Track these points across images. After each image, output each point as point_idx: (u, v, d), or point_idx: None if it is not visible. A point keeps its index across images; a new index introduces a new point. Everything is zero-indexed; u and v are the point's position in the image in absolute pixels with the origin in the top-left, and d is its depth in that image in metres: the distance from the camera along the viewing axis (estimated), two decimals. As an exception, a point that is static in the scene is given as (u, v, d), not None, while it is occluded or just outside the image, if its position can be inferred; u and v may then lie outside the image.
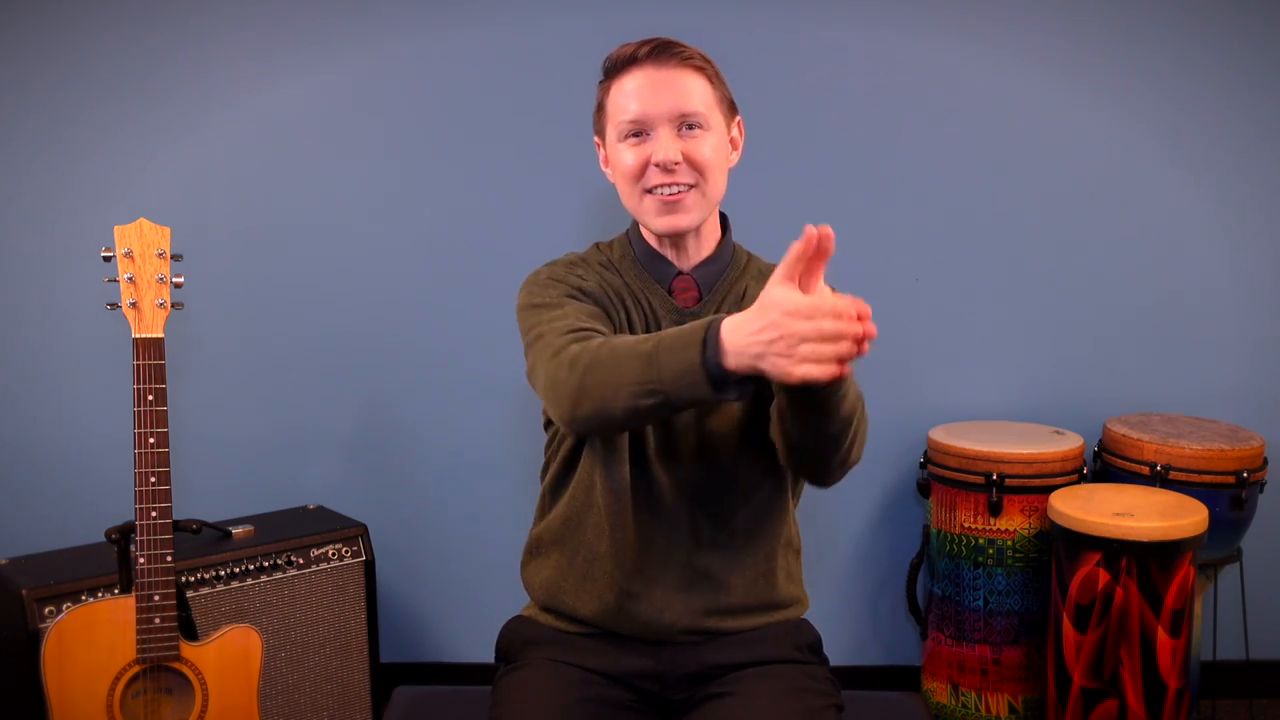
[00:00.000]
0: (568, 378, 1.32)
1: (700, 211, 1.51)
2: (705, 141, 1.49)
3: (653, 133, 1.48)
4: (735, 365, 1.19)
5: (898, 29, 2.59)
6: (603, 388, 1.28)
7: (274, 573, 2.29)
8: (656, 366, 1.24)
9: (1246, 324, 2.70)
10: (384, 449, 2.71)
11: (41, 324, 2.59)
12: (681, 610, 1.52)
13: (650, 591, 1.52)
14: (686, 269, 1.56)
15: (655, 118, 1.47)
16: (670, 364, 1.23)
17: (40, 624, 2.02)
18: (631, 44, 1.50)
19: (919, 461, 2.64)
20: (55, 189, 2.56)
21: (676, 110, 1.47)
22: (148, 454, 1.75)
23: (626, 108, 1.48)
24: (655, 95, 1.47)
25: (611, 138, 1.53)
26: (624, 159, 1.50)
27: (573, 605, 1.56)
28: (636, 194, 1.51)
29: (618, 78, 1.50)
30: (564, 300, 1.49)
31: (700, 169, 1.49)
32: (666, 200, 1.49)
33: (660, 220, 1.50)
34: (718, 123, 1.51)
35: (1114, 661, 2.24)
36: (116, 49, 2.54)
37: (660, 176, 1.48)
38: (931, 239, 2.67)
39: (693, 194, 1.49)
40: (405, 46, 2.58)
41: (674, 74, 1.48)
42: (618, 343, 1.31)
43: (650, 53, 1.48)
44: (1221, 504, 2.38)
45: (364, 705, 2.42)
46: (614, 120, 1.51)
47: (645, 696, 1.54)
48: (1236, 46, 2.61)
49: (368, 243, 2.63)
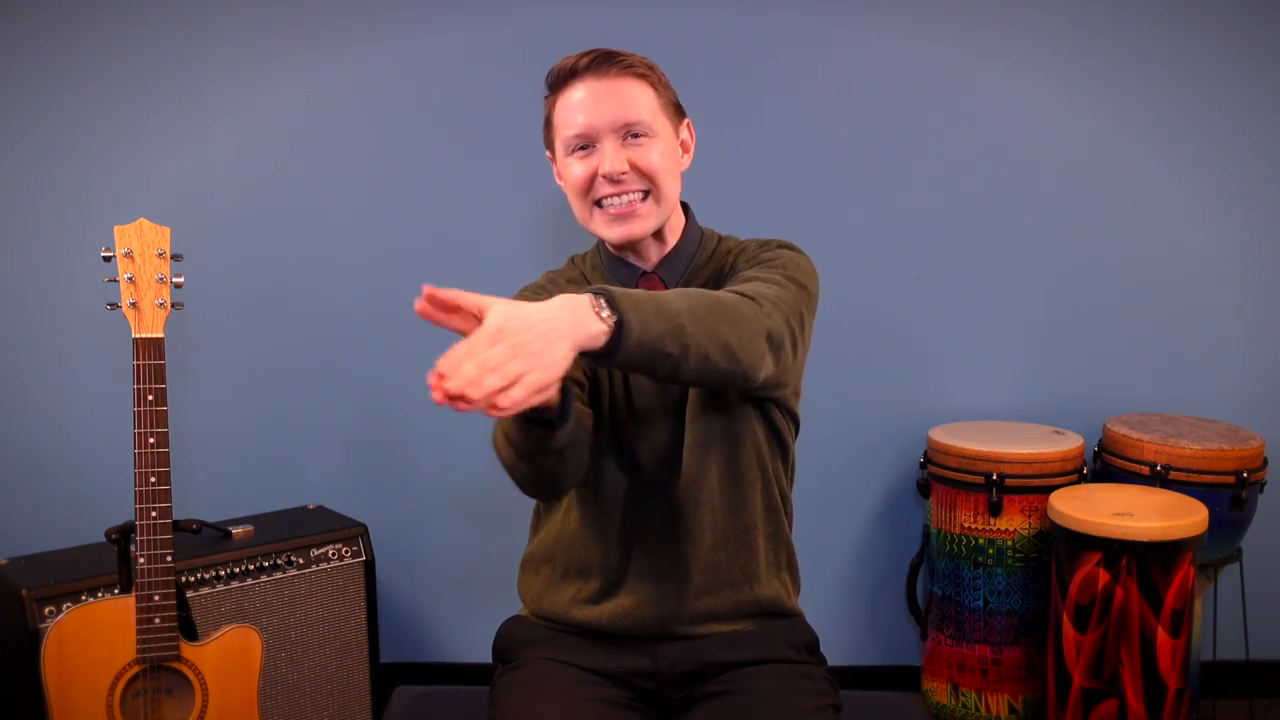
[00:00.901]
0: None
1: (655, 218, 1.51)
2: (652, 149, 1.48)
3: (599, 144, 1.48)
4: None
5: (898, 30, 2.59)
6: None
7: (274, 573, 2.29)
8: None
9: (1247, 324, 2.70)
10: (384, 449, 2.71)
11: (42, 324, 2.59)
12: (673, 610, 1.52)
13: (644, 595, 1.52)
14: (650, 268, 1.57)
15: (600, 129, 1.47)
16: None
17: (40, 624, 2.02)
18: (573, 56, 1.50)
19: (919, 461, 2.64)
20: (56, 189, 2.56)
21: (620, 120, 1.47)
22: (148, 454, 1.75)
23: (571, 121, 1.49)
24: (598, 106, 1.47)
25: (560, 151, 1.53)
26: (572, 172, 1.51)
27: (568, 614, 1.56)
28: (586, 206, 1.52)
29: (562, 91, 1.50)
30: None
31: (650, 176, 1.48)
32: (617, 212, 1.49)
33: (613, 230, 1.51)
34: (664, 128, 1.51)
35: (1114, 661, 2.24)
36: (118, 52, 2.54)
37: (608, 188, 1.48)
38: (931, 239, 2.67)
39: (647, 202, 1.50)
40: (404, 49, 2.58)
41: (616, 84, 1.47)
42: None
43: (591, 64, 1.48)
44: (1221, 504, 2.38)
45: (364, 705, 2.42)
46: (560, 134, 1.51)
47: (643, 695, 1.54)
48: (1235, 47, 2.61)
49: (368, 243, 2.63)
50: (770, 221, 2.58)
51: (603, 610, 1.54)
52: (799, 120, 2.62)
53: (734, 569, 1.55)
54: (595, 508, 1.54)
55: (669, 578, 1.53)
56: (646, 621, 1.53)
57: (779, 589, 1.59)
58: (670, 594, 1.53)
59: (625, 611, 1.53)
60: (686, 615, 1.53)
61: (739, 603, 1.56)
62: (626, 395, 1.53)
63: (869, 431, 2.70)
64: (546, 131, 1.56)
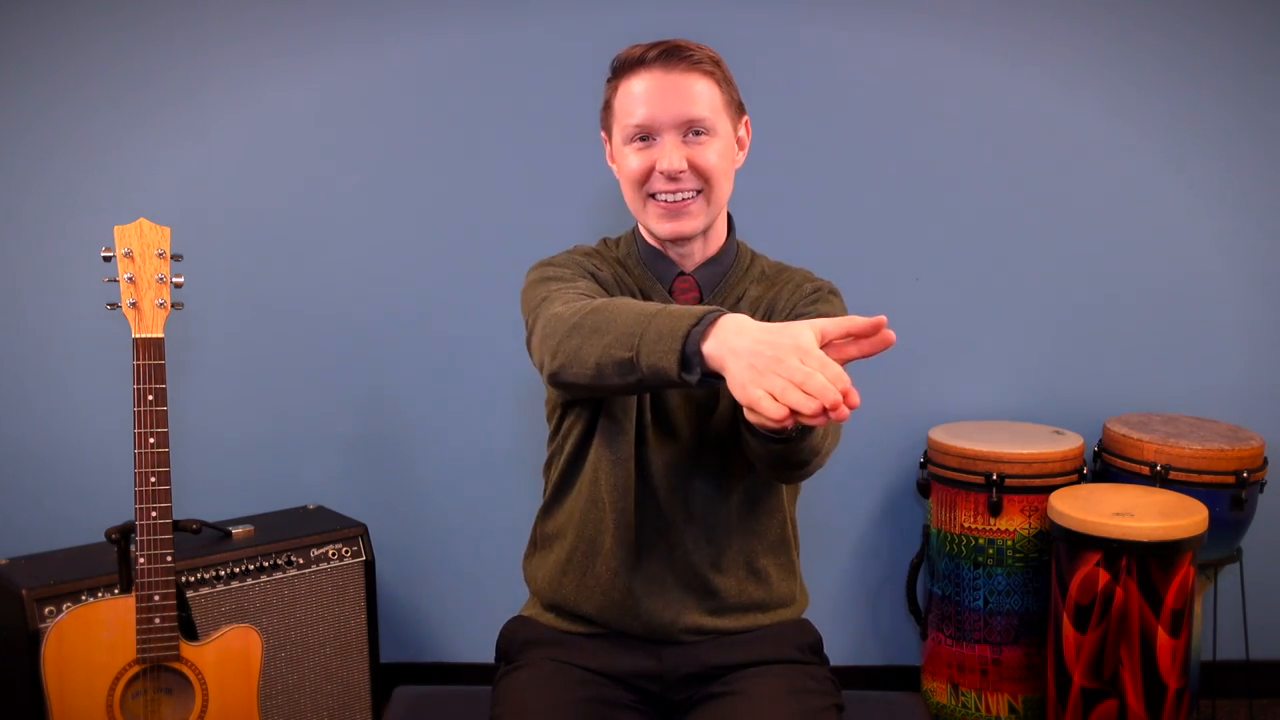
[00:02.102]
0: (562, 323, 1.31)
1: (705, 217, 1.51)
2: (711, 148, 1.48)
3: (659, 138, 1.48)
4: (711, 351, 1.16)
5: (899, 30, 2.59)
6: (589, 334, 1.27)
7: (274, 573, 2.29)
8: (647, 327, 1.22)
9: (1247, 324, 2.70)
10: (384, 449, 2.71)
11: (42, 324, 2.59)
12: (682, 608, 1.53)
13: (651, 588, 1.53)
14: (689, 269, 1.56)
15: (661, 124, 1.47)
16: (661, 326, 1.21)
17: (40, 624, 2.02)
18: (641, 45, 1.49)
19: (919, 461, 2.64)
20: (56, 189, 2.56)
21: (683, 116, 1.46)
22: (148, 454, 1.75)
23: (633, 111, 1.48)
24: (662, 100, 1.46)
25: (618, 138, 1.52)
26: (629, 163, 1.50)
27: (575, 600, 1.56)
28: (640, 198, 1.51)
29: (625, 78, 1.50)
30: (578, 277, 1.49)
31: (705, 176, 1.48)
32: (670, 207, 1.49)
33: (664, 225, 1.50)
34: (724, 127, 1.50)
35: (1114, 661, 2.24)
36: (118, 52, 2.53)
37: (665, 184, 1.48)
38: (931, 239, 2.67)
39: (699, 200, 1.49)
40: (404, 49, 2.58)
41: (682, 79, 1.46)
42: (627, 301, 1.29)
43: (659, 56, 1.47)
44: (1221, 504, 2.38)
45: (364, 705, 2.42)
46: (620, 121, 1.51)
47: (646, 696, 1.54)
48: (1233, 48, 2.61)
49: (367, 243, 2.63)
50: (771, 221, 2.59)
51: (612, 605, 1.53)
52: (798, 120, 2.61)
53: (745, 570, 1.55)
54: (615, 493, 1.52)
55: (682, 578, 1.53)
56: (655, 621, 1.53)
57: (785, 594, 1.60)
58: (676, 600, 1.53)
59: (635, 612, 1.53)
60: (694, 624, 1.53)
61: (747, 607, 1.56)
62: (655, 415, 1.52)
63: (869, 431, 2.70)
64: (605, 114, 1.55)
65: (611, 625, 1.55)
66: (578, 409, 1.54)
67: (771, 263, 1.64)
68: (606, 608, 1.54)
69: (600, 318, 1.28)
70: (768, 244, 1.72)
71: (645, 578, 1.53)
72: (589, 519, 1.55)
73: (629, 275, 1.58)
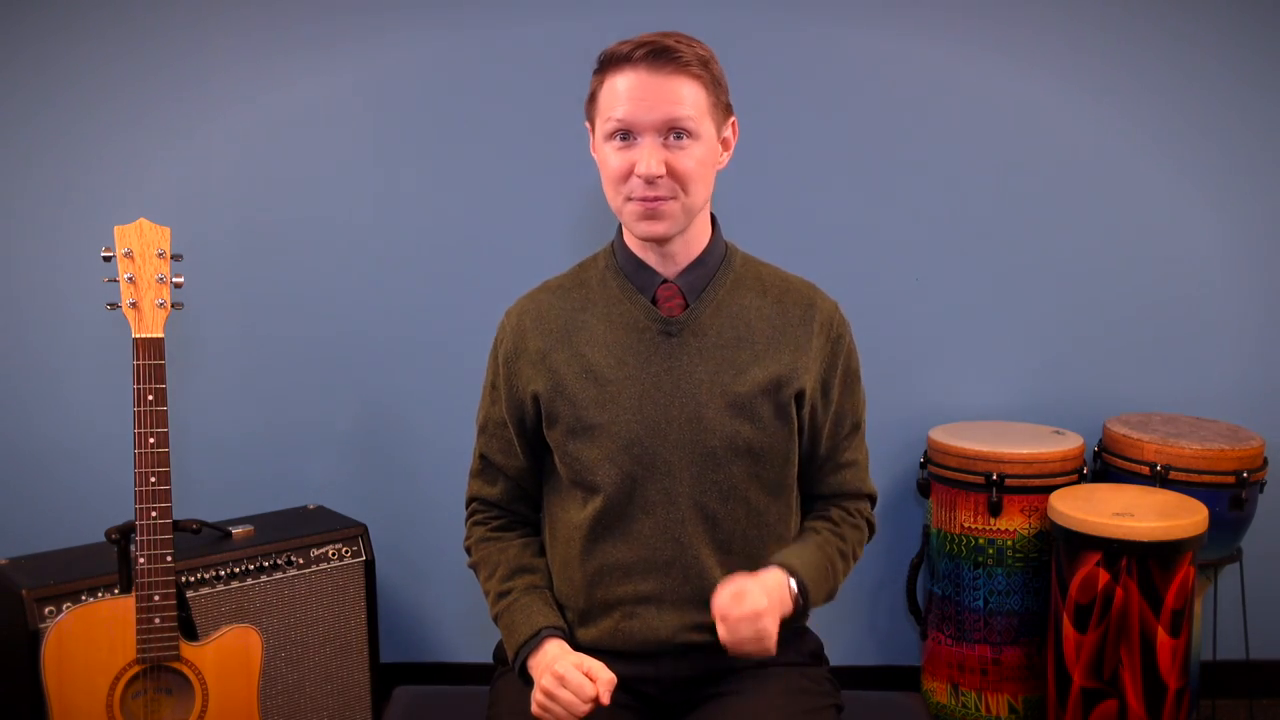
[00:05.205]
0: (466, 540, 1.76)
1: (679, 220, 1.47)
2: (691, 153, 1.44)
3: (639, 139, 1.44)
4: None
5: (898, 31, 2.59)
6: (478, 573, 1.67)
7: (274, 573, 2.29)
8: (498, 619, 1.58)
9: (1247, 324, 2.70)
10: (384, 449, 2.71)
11: (42, 324, 2.59)
12: (678, 628, 1.51)
13: (647, 613, 1.51)
14: (672, 275, 1.53)
15: (643, 125, 1.43)
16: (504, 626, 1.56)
17: (40, 624, 2.02)
18: (630, 41, 1.45)
19: (919, 461, 2.64)
20: (56, 188, 2.56)
21: (665, 119, 1.42)
22: (148, 454, 1.75)
23: (615, 107, 1.44)
24: (645, 101, 1.42)
25: (599, 133, 1.49)
26: (609, 160, 1.47)
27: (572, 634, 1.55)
28: (620, 197, 1.48)
29: (610, 74, 1.45)
30: (484, 424, 1.65)
31: (682, 181, 1.44)
32: (647, 208, 1.45)
33: (640, 226, 1.47)
34: (707, 130, 1.46)
35: (1114, 661, 2.24)
36: (118, 51, 2.54)
37: (642, 189, 1.44)
38: (931, 239, 2.67)
39: (672, 204, 1.45)
40: (404, 49, 2.58)
41: (667, 81, 1.42)
42: (484, 578, 1.64)
43: (645, 55, 1.42)
44: (1221, 504, 2.38)
45: (364, 705, 2.42)
46: (602, 115, 1.47)
47: (644, 699, 1.54)
48: (1234, 47, 2.61)
49: (367, 242, 2.63)
50: (770, 221, 2.59)
51: (605, 635, 1.53)
52: (798, 120, 2.61)
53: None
54: (600, 528, 1.52)
55: (679, 599, 1.51)
56: (651, 641, 1.51)
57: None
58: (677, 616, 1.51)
59: (630, 636, 1.52)
60: (695, 634, 1.51)
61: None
62: (659, 445, 1.50)
63: (869, 431, 2.69)
64: (589, 105, 1.52)
65: (608, 649, 1.52)
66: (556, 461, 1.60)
67: (769, 268, 1.59)
68: (600, 638, 1.53)
69: (479, 575, 1.66)
70: (768, 245, 1.71)
71: (641, 602, 1.51)
72: (576, 558, 1.55)
73: (607, 291, 1.55)
